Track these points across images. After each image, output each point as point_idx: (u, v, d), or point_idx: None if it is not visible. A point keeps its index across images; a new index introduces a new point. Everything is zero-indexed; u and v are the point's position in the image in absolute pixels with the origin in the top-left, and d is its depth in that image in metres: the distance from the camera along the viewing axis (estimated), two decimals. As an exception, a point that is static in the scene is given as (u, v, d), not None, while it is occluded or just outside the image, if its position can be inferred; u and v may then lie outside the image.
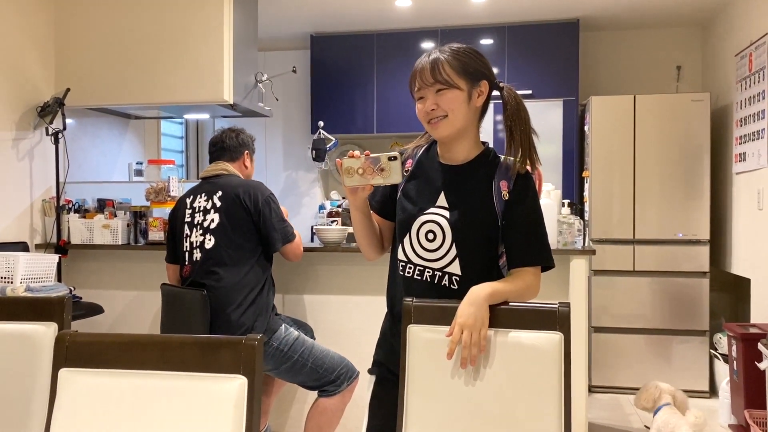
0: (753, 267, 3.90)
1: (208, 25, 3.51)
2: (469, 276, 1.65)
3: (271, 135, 5.48)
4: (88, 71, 3.65)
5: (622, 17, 4.74)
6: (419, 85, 1.65)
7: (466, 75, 1.64)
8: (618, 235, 4.35)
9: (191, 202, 2.75)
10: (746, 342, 3.31)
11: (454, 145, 1.70)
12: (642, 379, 4.30)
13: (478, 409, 1.55)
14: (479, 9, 4.52)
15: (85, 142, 4.04)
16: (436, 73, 1.62)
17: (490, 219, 1.66)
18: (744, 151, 4.00)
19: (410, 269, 1.69)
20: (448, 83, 1.62)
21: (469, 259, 1.65)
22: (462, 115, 1.65)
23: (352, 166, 1.60)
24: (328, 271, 3.17)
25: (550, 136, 4.67)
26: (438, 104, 1.63)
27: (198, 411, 1.22)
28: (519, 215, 1.66)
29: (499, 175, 1.67)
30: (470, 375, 1.56)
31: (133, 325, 3.43)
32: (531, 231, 1.68)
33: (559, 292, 2.98)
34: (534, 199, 1.69)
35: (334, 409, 2.71)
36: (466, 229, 1.65)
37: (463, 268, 1.65)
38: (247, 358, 1.21)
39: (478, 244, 1.66)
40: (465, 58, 1.66)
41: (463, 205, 1.66)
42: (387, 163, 1.58)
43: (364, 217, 1.73)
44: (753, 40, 3.87)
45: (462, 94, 1.64)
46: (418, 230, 1.68)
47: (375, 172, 1.59)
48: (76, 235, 3.44)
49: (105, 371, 1.27)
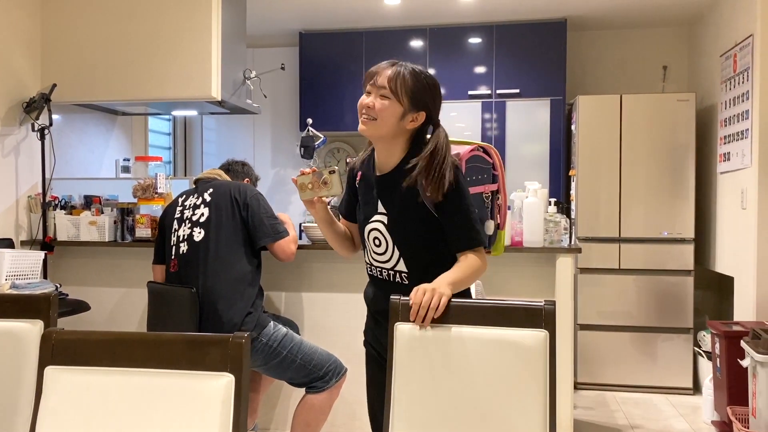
0: (736, 265, 3.95)
1: (196, 21, 3.50)
2: (415, 271, 1.80)
3: (260, 132, 5.48)
4: (74, 67, 3.62)
5: (610, 17, 4.78)
6: (372, 81, 1.77)
7: (412, 98, 1.76)
8: (604, 234, 4.39)
9: (183, 201, 2.80)
10: (729, 339, 3.35)
11: (382, 153, 1.84)
12: (627, 377, 4.36)
13: (465, 405, 1.56)
14: (467, 8, 4.54)
15: (72, 139, 4.01)
16: (391, 81, 1.75)
17: (423, 215, 1.78)
18: (728, 151, 4.05)
19: (372, 270, 1.89)
20: (393, 94, 1.75)
21: (412, 256, 1.80)
22: (388, 127, 1.77)
23: (304, 182, 1.80)
24: (316, 268, 3.17)
25: (537, 135, 4.70)
26: (374, 105, 1.75)
27: (185, 409, 1.22)
28: (446, 207, 1.76)
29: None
30: (457, 372, 1.57)
31: (121, 322, 3.42)
32: (459, 219, 1.77)
33: (545, 289, 3.01)
34: (458, 191, 1.76)
35: (322, 406, 2.71)
36: (403, 231, 1.80)
37: (408, 265, 1.81)
38: (234, 355, 1.21)
39: (416, 241, 1.80)
40: (420, 86, 1.78)
41: (396, 209, 1.81)
42: (328, 177, 1.77)
43: (326, 224, 1.92)
44: (738, 41, 3.91)
45: (399, 110, 1.76)
46: (368, 237, 1.86)
47: (320, 185, 1.78)
48: (62, 231, 3.42)
49: (91, 369, 1.27)
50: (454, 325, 1.61)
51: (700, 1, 4.38)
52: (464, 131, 4.80)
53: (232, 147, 5.52)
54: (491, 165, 2.07)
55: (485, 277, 2.87)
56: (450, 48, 4.86)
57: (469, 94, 4.80)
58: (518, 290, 3.05)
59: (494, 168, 2.07)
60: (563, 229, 3.06)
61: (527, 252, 2.98)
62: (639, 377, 4.35)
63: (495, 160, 2.08)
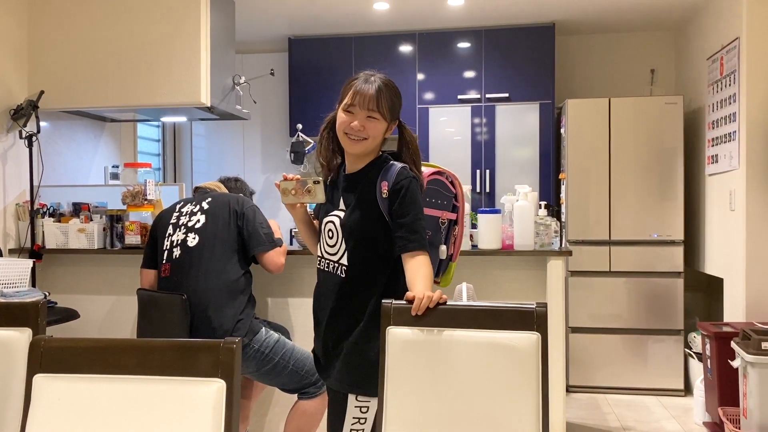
0: (726, 267, 3.97)
1: (185, 27, 3.49)
2: (354, 266, 1.90)
3: (250, 137, 5.46)
4: (62, 73, 3.60)
5: (597, 21, 4.81)
6: (356, 103, 1.88)
7: (391, 113, 1.93)
8: (594, 236, 4.41)
9: (180, 207, 2.80)
10: (719, 340, 3.36)
11: (357, 159, 1.96)
12: (619, 379, 4.37)
13: (457, 409, 1.56)
14: (456, 13, 4.55)
15: (60, 146, 3.99)
16: (379, 104, 1.88)
17: (374, 216, 1.89)
18: (716, 153, 4.08)
19: (322, 263, 1.99)
20: (381, 115, 1.89)
21: (355, 252, 1.90)
22: (377, 142, 1.93)
23: (287, 187, 1.91)
24: (306, 273, 3.16)
25: (526, 139, 4.72)
26: (365, 127, 1.88)
27: (176, 415, 1.21)
28: (398, 209, 1.86)
29: (382, 176, 1.90)
30: (449, 376, 1.57)
31: (112, 330, 3.39)
32: (409, 220, 1.86)
33: (536, 292, 3.01)
34: (410, 193, 1.87)
35: (314, 411, 2.70)
36: (352, 226, 1.90)
37: (349, 259, 1.90)
38: (225, 361, 1.20)
39: (362, 238, 1.89)
40: (396, 98, 1.94)
41: (352, 206, 1.92)
42: (312, 186, 1.88)
43: (305, 225, 2.07)
44: (724, 44, 3.95)
45: (384, 125, 1.92)
46: (323, 229, 1.98)
47: (304, 192, 1.90)
48: (50, 239, 3.39)
49: (81, 376, 1.26)
50: (446, 328, 1.61)
51: (687, 5, 4.42)
52: (454, 136, 4.81)
53: (222, 153, 5.51)
54: (454, 195, 2.18)
55: (476, 281, 2.87)
56: (439, 53, 4.87)
57: (459, 99, 4.81)
58: (509, 293, 3.05)
59: (456, 199, 2.19)
60: (554, 231, 3.06)
61: (518, 255, 2.99)
62: (630, 379, 4.36)
63: (458, 192, 2.20)
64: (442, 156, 4.71)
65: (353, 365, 1.87)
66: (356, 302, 1.89)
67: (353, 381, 1.88)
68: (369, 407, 1.87)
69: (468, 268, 2.97)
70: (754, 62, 3.65)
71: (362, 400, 1.88)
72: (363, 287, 1.89)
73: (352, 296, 1.90)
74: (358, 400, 1.88)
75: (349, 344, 1.88)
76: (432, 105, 4.85)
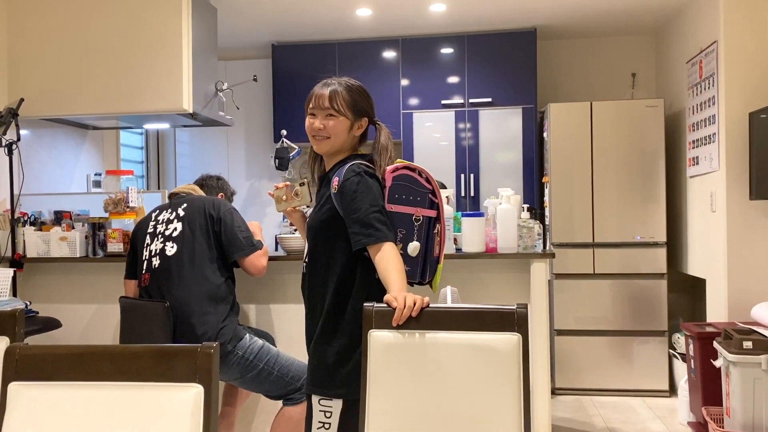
0: (708, 267, 4.01)
1: (167, 34, 3.48)
2: (313, 263, 1.94)
3: (234, 144, 5.45)
4: (43, 80, 3.57)
5: (578, 26, 4.85)
6: (314, 105, 1.95)
7: (353, 110, 1.95)
8: (578, 239, 4.43)
9: (156, 216, 2.77)
10: (702, 341, 3.39)
11: (330, 159, 2.02)
12: (605, 381, 4.39)
13: (439, 411, 1.56)
14: (439, 18, 4.57)
15: (41, 153, 3.95)
16: (332, 102, 1.93)
17: (329, 213, 1.91)
18: (697, 155, 4.12)
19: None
20: (338, 112, 1.93)
21: (315, 250, 1.94)
22: (341, 140, 1.96)
23: (279, 195, 1.99)
24: (289, 279, 3.15)
25: (509, 143, 4.74)
26: (325, 126, 1.93)
27: (154, 421, 1.20)
28: (348, 207, 1.86)
29: (336, 173, 1.92)
30: (431, 378, 1.57)
31: (94, 339, 3.36)
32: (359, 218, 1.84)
33: (520, 295, 3.02)
34: (353, 187, 1.86)
35: (299, 418, 2.68)
36: (311, 224, 1.96)
37: (309, 257, 1.96)
38: (203, 366, 1.20)
39: (319, 236, 1.93)
40: (357, 96, 1.97)
41: (316, 205, 2.00)
42: (299, 188, 1.94)
43: (304, 231, 2.09)
44: (703, 47, 3.99)
45: (347, 123, 1.95)
46: None
47: (292, 197, 1.95)
48: (32, 248, 3.36)
49: (57, 384, 1.24)
50: (428, 330, 1.61)
51: (666, 10, 4.47)
52: (439, 141, 4.82)
53: (206, 160, 5.48)
54: (430, 191, 1.98)
55: (461, 284, 2.87)
56: (422, 58, 4.89)
57: (443, 104, 4.83)
58: (493, 296, 3.06)
59: (434, 195, 1.98)
60: (537, 234, 3.08)
61: (501, 258, 3.00)
62: (616, 381, 4.38)
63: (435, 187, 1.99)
64: (426, 161, 4.72)
65: (312, 366, 1.91)
66: (314, 301, 1.93)
67: (312, 381, 1.90)
68: (332, 411, 1.86)
69: (452, 271, 2.97)
70: (732, 65, 3.69)
71: (324, 403, 1.86)
72: (318, 285, 1.92)
73: (310, 295, 1.95)
74: (320, 404, 1.87)
75: (312, 345, 1.92)
76: (416, 110, 4.87)
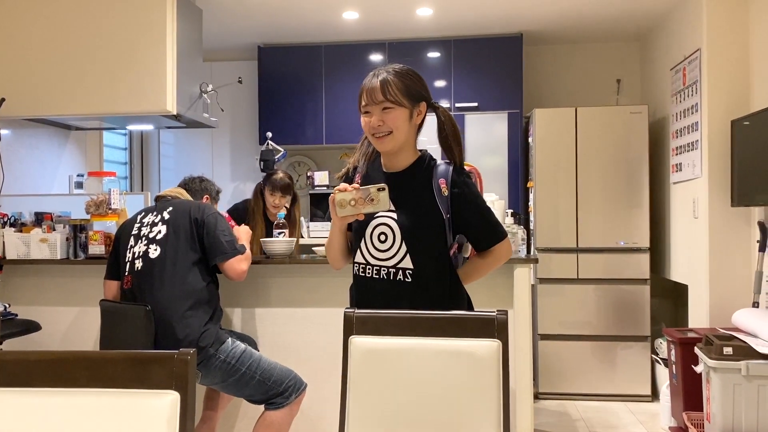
0: (690, 273, 4.04)
1: (151, 34, 3.46)
2: (420, 267, 1.85)
3: (219, 146, 5.42)
4: (24, 80, 3.53)
5: (564, 32, 4.88)
6: (367, 101, 1.84)
7: (409, 96, 1.85)
8: (562, 244, 4.45)
9: (141, 218, 2.76)
10: (684, 346, 3.41)
11: (396, 156, 1.92)
12: (588, 386, 4.40)
13: (420, 418, 1.56)
14: (425, 23, 4.58)
15: (23, 153, 3.91)
16: (385, 92, 1.82)
17: (433, 214, 1.85)
18: (680, 162, 4.15)
19: (369, 270, 1.90)
20: (394, 103, 1.82)
21: (419, 252, 1.85)
22: (404, 132, 1.87)
23: (344, 198, 1.81)
24: (274, 283, 3.13)
25: (495, 148, 4.76)
26: (384, 121, 1.83)
27: (130, 428, 1.18)
28: (467, 207, 1.87)
29: (437, 175, 1.88)
30: (411, 384, 1.57)
31: (75, 342, 3.32)
32: (482, 217, 1.91)
33: (504, 300, 3.02)
34: (474, 189, 1.92)
35: (281, 422, 2.67)
36: (413, 227, 1.85)
37: (414, 261, 1.85)
38: (179, 372, 1.18)
39: (425, 238, 1.86)
40: (409, 80, 1.87)
41: (407, 206, 1.87)
42: (376, 194, 1.81)
43: (343, 236, 1.95)
44: (686, 55, 4.03)
45: (405, 112, 1.85)
46: (371, 234, 1.89)
47: (366, 202, 1.82)
48: (11, 249, 3.31)
49: (31, 390, 1.22)
50: (408, 336, 1.60)
51: (650, 17, 4.51)
52: (426, 145, 4.81)
53: (191, 161, 5.45)
54: None
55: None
56: (409, 62, 4.86)
57: (429, 108, 4.83)
58: (476, 301, 3.03)
59: None
60: (521, 240, 3.09)
61: (485, 263, 3.00)
62: (599, 386, 4.40)
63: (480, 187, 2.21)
64: (412, 164, 4.71)
65: None
66: (432, 305, 1.81)
67: None
68: None
69: (436, 277, 2.96)
70: (715, 73, 3.73)
71: None
72: (436, 289, 1.86)
73: (426, 299, 1.83)
74: None
75: None
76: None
